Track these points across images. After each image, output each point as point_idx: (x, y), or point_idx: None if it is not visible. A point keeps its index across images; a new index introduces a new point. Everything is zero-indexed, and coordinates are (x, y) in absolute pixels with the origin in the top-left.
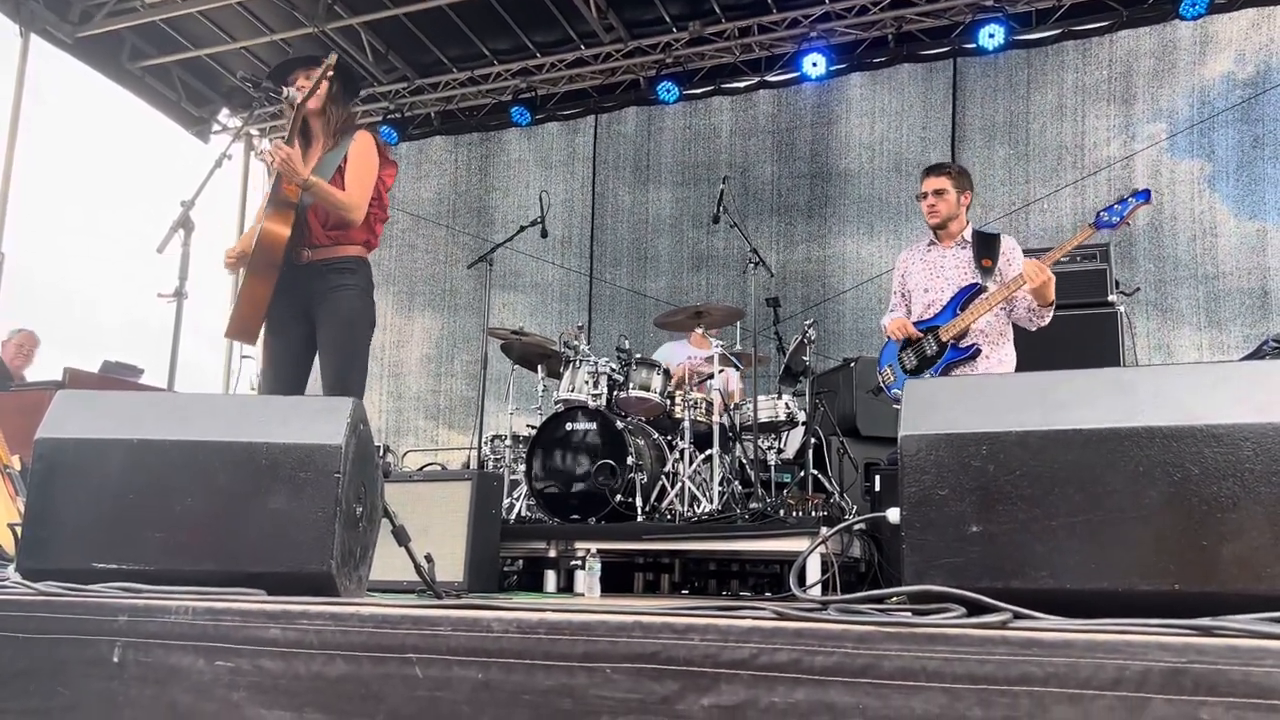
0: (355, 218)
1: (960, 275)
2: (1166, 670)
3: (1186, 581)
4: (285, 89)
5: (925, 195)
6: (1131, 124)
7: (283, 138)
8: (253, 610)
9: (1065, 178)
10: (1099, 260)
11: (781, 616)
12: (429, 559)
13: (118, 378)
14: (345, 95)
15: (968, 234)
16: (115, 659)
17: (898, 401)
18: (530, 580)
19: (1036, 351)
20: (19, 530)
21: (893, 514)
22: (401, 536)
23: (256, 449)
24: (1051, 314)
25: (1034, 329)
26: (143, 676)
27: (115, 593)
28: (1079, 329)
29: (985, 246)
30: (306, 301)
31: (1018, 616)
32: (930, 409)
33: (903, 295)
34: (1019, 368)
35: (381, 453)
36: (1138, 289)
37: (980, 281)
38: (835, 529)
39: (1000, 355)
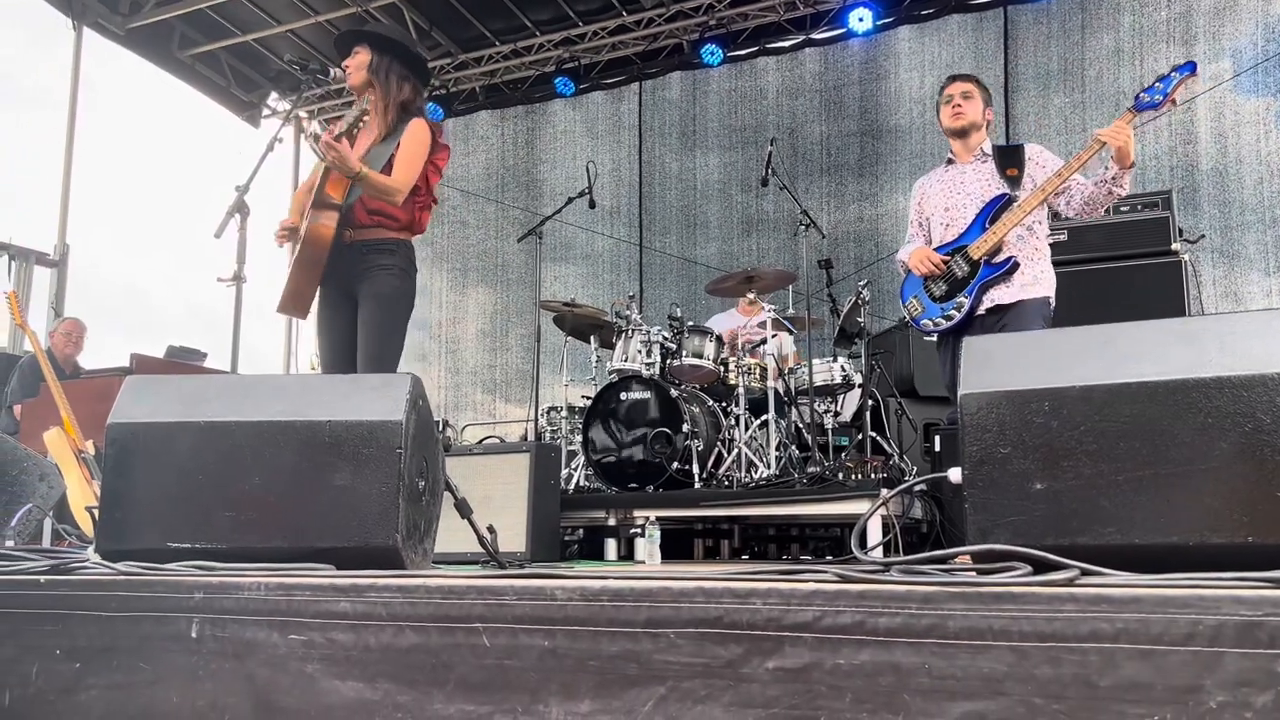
0: (397, 200)
1: (984, 188)
2: (1241, 624)
3: (1260, 534)
4: (333, 70)
5: (951, 99)
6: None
7: (335, 120)
8: (323, 585)
9: None
10: (1160, 208)
11: (844, 579)
12: (491, 530)
13: (183, 362)
14: (401, 78)
15: (987, 147)
16: (193, 634)
17: (928, 333)
18: (591, 549)
19: (1096, 304)
20: (96, 513)
21: (954, 474)
22: (464, 509)
23: (320, 427)
24: (1130, 179)
25: (1107, 206)
26: (220, 651)
27: (190, 571)
28: (1142, 280)
29: (1008, 157)
30: (349, 282)
31: (1085, 573)
32: (990, 366)
33: (920, 224)
34: (1059, 316)
35: (441, 427)
36: (1202, 236)
37: (1009, 191)
38: (896, 490)
39: (1035, 272)
